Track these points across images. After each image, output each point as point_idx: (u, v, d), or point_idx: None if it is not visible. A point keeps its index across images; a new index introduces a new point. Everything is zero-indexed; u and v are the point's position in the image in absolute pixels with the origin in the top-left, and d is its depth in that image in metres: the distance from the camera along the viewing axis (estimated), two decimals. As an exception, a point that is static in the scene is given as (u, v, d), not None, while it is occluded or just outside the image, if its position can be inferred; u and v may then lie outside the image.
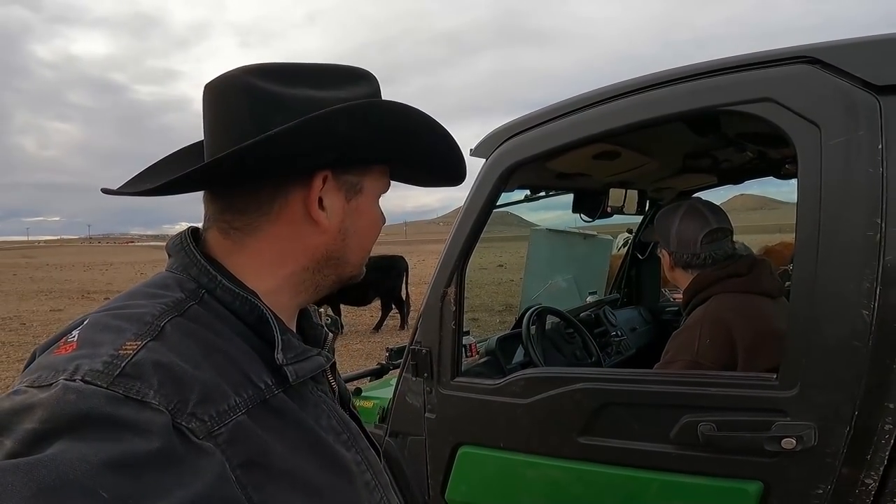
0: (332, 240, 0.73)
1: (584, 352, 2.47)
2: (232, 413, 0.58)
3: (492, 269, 17.72)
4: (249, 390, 0.61)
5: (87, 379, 0.51)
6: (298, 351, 0.69)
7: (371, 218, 0.77)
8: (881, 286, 1.17)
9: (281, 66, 0.70)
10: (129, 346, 0.55)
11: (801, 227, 1.24)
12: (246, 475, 0.56)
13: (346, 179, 0.72)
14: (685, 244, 1.81)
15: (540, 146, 1.59)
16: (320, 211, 0.70)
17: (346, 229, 0.73)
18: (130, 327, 0.58)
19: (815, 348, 1.23)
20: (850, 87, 1.17)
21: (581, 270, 5.52)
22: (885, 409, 1.19)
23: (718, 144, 2.04)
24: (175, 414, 0.53)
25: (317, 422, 0.68)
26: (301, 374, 0.67)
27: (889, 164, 1.15)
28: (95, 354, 0.54)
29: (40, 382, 0.52)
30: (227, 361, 0.61)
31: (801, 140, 1.21)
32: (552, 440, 1.56)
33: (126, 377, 0.52)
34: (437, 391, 1.76)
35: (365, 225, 0.76)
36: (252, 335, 0.67)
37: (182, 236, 0.72)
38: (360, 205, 0.74)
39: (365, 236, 0.77)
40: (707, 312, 1.69)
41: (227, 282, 0.67)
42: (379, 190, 0.78)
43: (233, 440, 0.56)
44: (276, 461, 0.60)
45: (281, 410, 0.64)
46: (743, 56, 1.29)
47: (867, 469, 1.22)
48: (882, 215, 1.16)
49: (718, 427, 1.31)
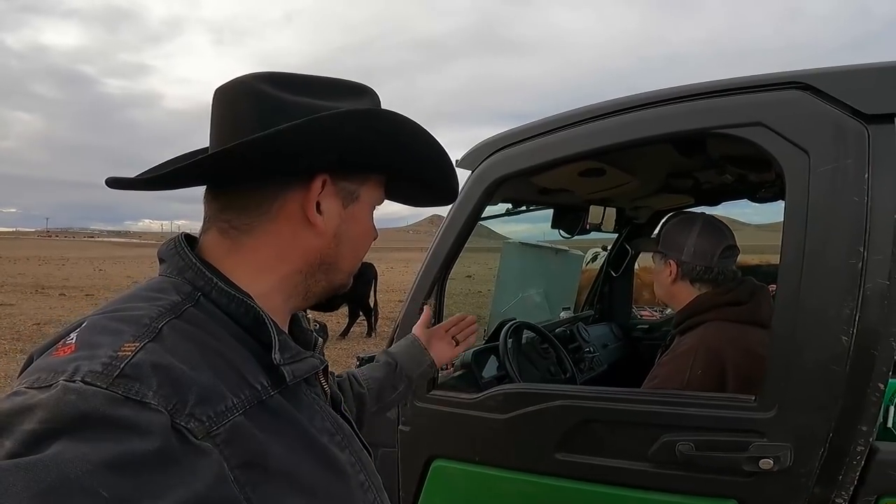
0: (327, 244, 0.75)
1: (559, 367, 2.47)
2: (229, 414, 0.59)
3: (460, 279, 17.71)
4: (246, 391, 0.62)
5: (86, 380, 0.52)
6: (294, 352, 0.70)
7: (365, 227, 0.80)
8: (860, 312, 1.19)
9: (289, 76, 0.73)
10: (128, 347, 0.56)
11: (785, 251, 1.25)
12: (244, 475, 0.57)
13: (343, 186, 0.75)
14: (702, 256, 1.76)
15: (528, 160, 1.58)
16: (317, 214, 0.72)
17: (340, 235, 0.75)
18: (128, 329, 0.58)
19: (795, 371, 1.25)
20: (840, 115, 1.19)
21: (551, 285, 5.56)
22: (858, 432, 1.21)
23: (702, 166, 2.07)
24: (174, 414, 0.53)
25: (311, 423, 0.70)
26: (297, 375, 0.69)
27: (874, 193, 1.17)
28: (94, 356, 0.54)
29: (40, 384, 0.52)
30: (224, 363, 0.62)
31: (790, 166, 1.23)
32: (530, 455, 1.55)
33: (125, 378, 0.53)
34: (411, 403, 1.74)
35: (358, 233, 0.79)
36: (247, 337, 0.68)
37: (176, 241, 0.73)
38: (355, 212, 0.77)
39: (358, 244, 0.79)
40: (702, 342, 1.66)
41: (223, 284, 0.68)
42: (374, 200, 0.80)
43: (230, 440, 0.57)
44: (273, 461, 0.61)
45: (277, 411, 0.65)
46: (736, 79, 1.31)
47: (838, 489, 1.24)
48: (865, 244, 1.18)
49: (697, 447, 1.32)
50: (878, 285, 1.17)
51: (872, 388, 1.20)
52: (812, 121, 1.21)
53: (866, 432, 1.21)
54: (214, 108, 0.74)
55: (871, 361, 1.19)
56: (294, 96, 0.71)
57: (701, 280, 1.78)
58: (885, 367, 1.19)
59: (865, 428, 1.21)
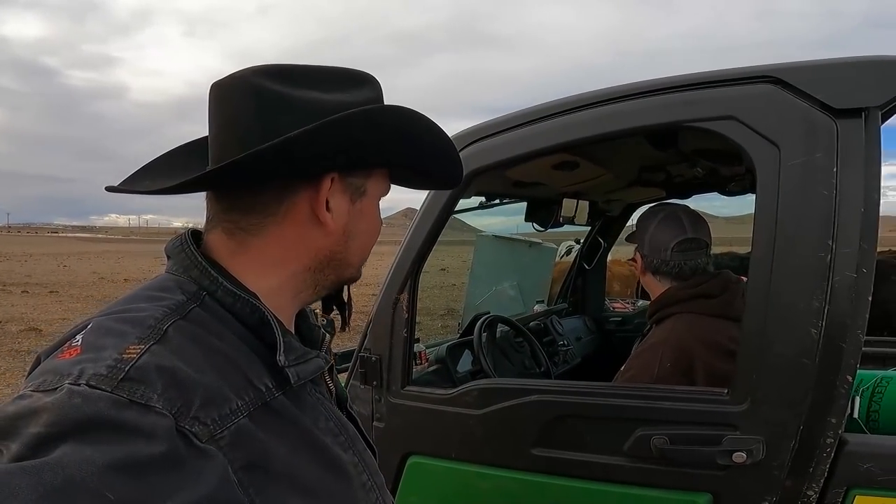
0: (337, 241, 0.74)
1: (533, 361, 2.48)
2: (234, 416, 0.59)
3: (434, 272, 17.74)
4: (251, 393, 0.62)
5: (91, 383, 0.52)
6: (299, 353, 0.70)
7: (373, 220, 0.79)
8: (829, 305, 1.20)
9: (288, 68, 0.71)
10: (133, 350, 0.56)
11: (756, 244, 1.26)
12: (248, 477, 0.58)
13: (351, 182, 0.73)
14: (656, 249, 1.79)
15: (502, 153, 1.57)
16: (327, 213, 0.71)
17: (350, 231, 0.75)
18: (133, 331, 0.59)
19: (766, 364, 1.26)
20: (810, 109, 1.20)
21: (525, 277, 5.60)
22: (828, 424, 1.23)
23: (674, 159, 2.08)
24: (178, 417, 0.54)
25: (315, 424, 0.70)
26: (302, 376, 0.68)
27: (842, 187, 1.18)
28: (99, 358, 0.55)
29: (45, 387, 0.52)
30: (229, 364, 0.63)
31: (761, 160, 1.23)
32: (506, 451, 1.54)
33: (130, 381, 0.53)
34: (386, 400, 1.71)
35: (367, 227, 0.78)
36: (252, 337, 0.68)
37: (182, 238, 0.73)
38: (363, 207, 0.76)
39: (367, 238, 0.79)
40: (670, 335, 1.67)
41: (229, 283, 0.68)
42: (380, 192, 0.80)
43: (235, 443, 0.58)
44: (277, 463, 0.61)
45: (281, 413, 0.65)
46: (709, 73, 1.31)
47: (809, 481, 1.26)
48: (833, 237, 1.19)
49: (672, 440, 1.32)
50: (846, 278, 1.19)
51: (841, 381, 1.21)
52: (783, 115, 1.22)
53: (836, 424, 1.23)
54: (212, 105, 0.73)
55: (840, 354, 1.21)
56: (292, 89, 0.69)
57: (661, 273, 1.79)
58: (852, 359, 1.21)
59: (835, 420, 1.22)
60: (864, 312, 1.21)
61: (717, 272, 1.81)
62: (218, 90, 0.72)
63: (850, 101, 1.17)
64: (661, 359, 1.62)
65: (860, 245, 1.18)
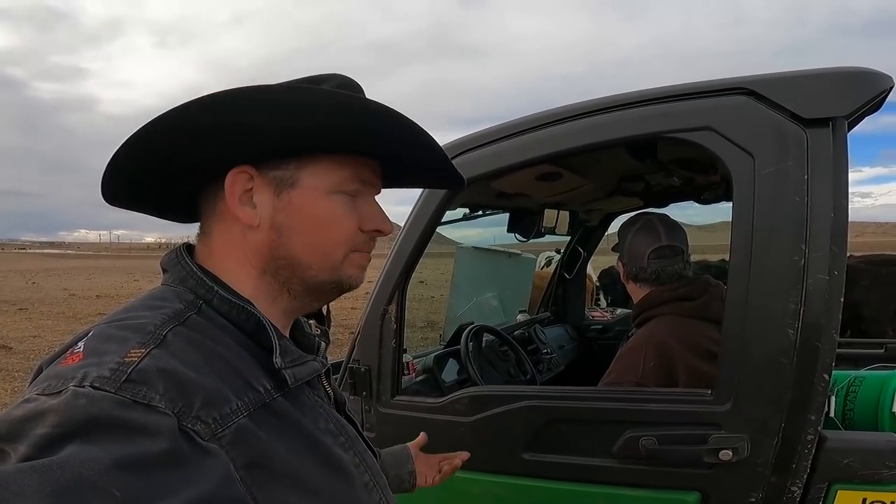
0: (268, 237, 0.72)
1: (518, 369, 2.51)
2: (234, 416, 0.60)
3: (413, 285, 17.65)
4: (250, 394, 0.64)
5: (95, 385, 0.54)
6: (295, 356, 0.71)
7: (315, 213, 0.72)
8: (804, 306, 1.25)
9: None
10: (134, 353, 0.58)
11: (734, 250, 1.31)
12: (249, 475, 0.59)
13: (275, 174, 0.71)
14: (634, 257, 1.86)
15: (489, 165, 1.60)
16: (242, 207, 0.71)
17: (279, 225, 0.71)
18: (134, 336, 0.60)
19: (747, 365, 1.30)
20: (781, 119, 1.26)
21: (505, 288, 5.64)
22: (807, 421, 1.27)
23: (652, 169, 2.14)
24: (181, 417, 0.55)
25: (315, 425, 0.71)
26: (299, 378, 0.70)
27: (812, 193, 1.24)
28: (102, 362, 0.56)
29: (50, 390, 0.54)
30: (227, 367, 0.64)
31: (737, 168, 1.29)
32: (497, 457, 1.56)
33: (132, 383, 0.55)
34: (376, 410, 1.73)
35: (306, 221, 0.72)
36: (249, 342, 0.69)
37: (177, 251, 0.75)
38: (293, 198, 0.71)
39: (310, 233, 0.73)
40: (650, 336, 1.73)
41: (223, 292, 0.70)
42: (326, 184, 0.73)
43: (236, 442, 0.59)
44: (278, 462, 0.62)
45: (280, 414, 0.66)
46: (686, 85, 1.37)
47: (793, 477, 1.30)
48: (806, 241, 1.24)
49: (659, 441, 1.36)
50: (819, 281, 1.24)
51: (818, 379, 1.26)
52: (756, 125, 1.28)
53: (815, 421, 1.27)
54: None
55: (816, 353, 1.25)
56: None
57: (640, 279, 1.86)
58: (828, 358, 1.26)
59: (814, 417, 1.27)
60: (837, 313, 1.26)
61: (695, 276, 1.87)
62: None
63: (818, 111, 1.23)
64: (644, 359, 1.67)
65: (831, 249, 1.24)
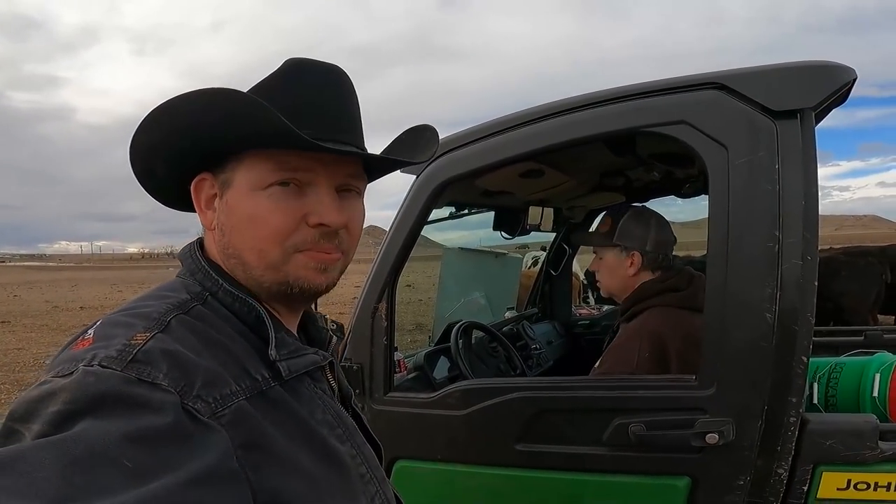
0: (218, 238, 0.76)
1: (508, 365, 2.54)
2: (233, 398, 0.63)
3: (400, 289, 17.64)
4: (248, 381, 0.66)
5: (103, 364, 0.57)
6: (292, 348, 0.74)
7: (243, 211, 0.72)
8: (780, 291, 1.30)
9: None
10: (140, 337, 0.61)
11: (712, 238, 1.36)
12: (246, 455, 0.61)
13: (221, 178, 0.74)
14: (663, 246, 1.88)
15: (472, 163, 1.64)
16: (206, 211, 0.77)
17: (220, 225, 0.75)
18: (140, 322, 0.64)
19: (728, 349, 1.34)
20: (752, 112, 1.31)
21: (492, 287, 5.67)
22: (789, 404, 1.31)
23: (632, 164, 2.19)
24: (183, 395, 0.58)
25: (311, 415, 0.73)
26: (294, 370, 0.72)
27: (784, 182, 1.29)
28: (110, 345, 0.60)
29: (62, 372, 0.57)
30: (227, 355, 0.67)
31: (712, 160, 1.34)
32: (490, 449, 1.59)
33: (138, 363, 0.58)
34: (370, 407, 1.74)
35: (237, 220, 0.72)
36: (251, 334, 0.72)
37: (191, 245, 0.80)
38: (228, 199, 0.73)
39: (243, 232, 0.72)
40: (645, 327, 1.76)
41: (228, 285, 0.73)
42: (250, 181, 0.71)
43: (235, 422, 0.61)
44: (274, 447, 0.65)
45: (277, 402, 0.69)
46: (661, 81, 1.42)
47: (778, 460, 1.34)
48: (779, 228, 1.30)
49: (648, 427, 1.39)
50: (794, 266, 1.29)
51: (797, 362, 1.31)
52: (728, 118, 1.33)
53: (796, 403, 1.31)
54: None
55: (794, 336, 1.30)
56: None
57: (659, 268, 1.89)
58: (805, 341, 1.31)
59: (795, 399, 1.31)
60: (812, 297, 1.31)
61: (680, 267, 1.93)
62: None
63: (786, 103, 1.29)
64: (639, 349, 1.70)
65: (804, 235, 1.29)
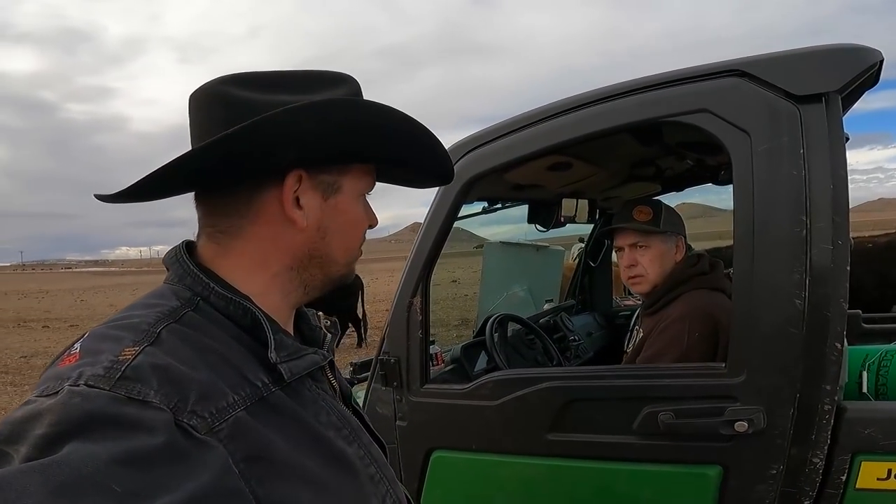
0: (311, 238, 0.74)
1: (545, 356, 2.56)
2: (231, 410, 0.60)
3: (445, 284, 17.79)
4: (247, 388, 0.63)
5: (90, 383, 0.54)
6: (292, 349, 0.71)
7: (352, 217, 0.78)
8: (810, 277, 1.28)
9: (258, 74, 0.73)
10: (128, 351, 0.58)
11: (737, 226, 1.35)
12: (249, 469, 0.58)
13: (322, 179, 0.74)
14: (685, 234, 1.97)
15: (499, 158, 1.67)
16: (297, 210, 0.72)
17: (325, 227, 0.75)
18: (128, 335, 0.61)
19: (757, 336, 1.34)
20: (774, 98, 1.30)
21: (535, 281, 5.67)
22: (823, 391, 1.29)
23: (661, 154, 2.18)
24: (176, 412, 0.55)
25: (316, 418, 0.70)
26: (295, 372, 0.69)
27: (811, 166, 1.28)
28: (97, 361, 0.57)
29: (48, 391, 0.55)
30: (223, 362, 0.64)
31: (734, 147, 1.33)
32: (522, 439, 1.62)
33: (127, 380, 0.55)
34: (407, 399, 1.79)
35: (345, 223, 0.77)
36: (247, 338, 0.69)
37: (177, 249, 0.75)
38: (338, 203, 0.75)
39: (347, 234, 0.78)
40: (692, 307, 1.77)
41: (220, 288, 0.70)
42: (360, 189, 0.78)
43: (234, 435, 0.59)
44: (278, 455, 0.62)
45: (279, 408, 0.66)
46: (681, 70, 1.42)
47: (813, 448, 1.32)
48: (807, 213, 1.28)
49: (677, 415, 1.39)
50: (823, 250, 1.27)
51: (830, 348, 1.28)
52: (750, 104, 1.32)
53: (830, 391, 1.29)
54: (189, 114, 0.75)
55: (826, 322, 1.28)
56: (263, 95, 0.70)
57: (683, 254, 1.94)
58: (839, 327, 1.28)
59: (829, 387, 1.29)
60: (845, 282, 1.29)
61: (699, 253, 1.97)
62: (192, 101, 0.74)
63: (809, 87, 1.27)
64: (689, 330, 1.70)
65: (833, 219, 1.27)
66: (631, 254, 1.93)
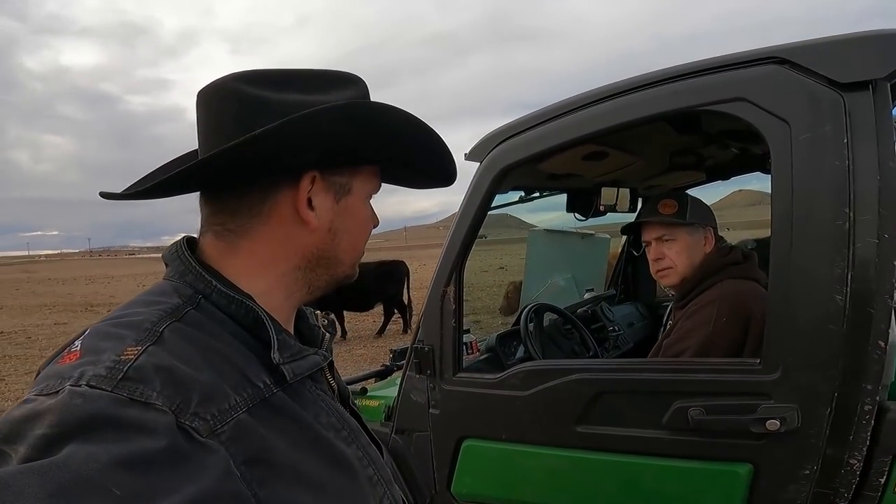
0: (322, 239, 0.74)
1: (582, 347, 2.54)
2: (233, 412, 0.60)
3: (493, 271, 17.77)
4: (249, 389, 0.63)
5: (91, 384, 0.53)
6: (294, 350, 0.70)
7: (361, 218, 0.78)
8: (852, 272, 1.23)
9: (269, 72, 0.72)
10: (130, 351, 0.58)
11: (776, 217, 1.31)
12: (250, 471, 0.58)
13: (334, 180, 0.74)
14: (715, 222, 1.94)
15: (531, 148, 1.66)
16: (309, 211, 0.72)
17: (335, 229, 0.75)
18: (130, 334, 0.60)
19: (794, 332, 1.29)
20: (816, 85, 1.24)
21: (579, 269, 5.60)
22: (863, 390, 1.24)
23: (701, 142, 2.11)
24: (178, 414, 0.55)
25: (316, 419, 0.70)
26: (298, 373, 0.69)
27: (855, 156, 1.22)
28: (98, 361, 0.56)
29: (48, 390, 0.54)
30: (226, 363, 0.64)
31: (773, 136, 1.28)
32: (551, 430, 1.63)
33: (129, 381, 0.54)
34: (440, 387, 1.82)
35: (355, 225, 0.78)
36: (249, 337, 0.69)
37: (177, 245, 0.74)
38: (349, 205, 0.76)
39: (355, 236, 0.78)
40: (723, 293, 1.75)
41: (223, 286, 0.69)
42: (369, 190, 0.79)
43: (235, 437, 0.58)
44: (279, 457, 0.62)
45: (281, 409, 0.66)
46: (718, 58, 1.37)
47: (850, 449, 1.27)
48: (850, 205, 1.23)
49: (707, 411, 1.37)
50: (868, 244, 1.22)
51: (873, 346, 1.23)
52: (790, 93, 1.27)
53: (872, 391, 1.24)
54: (197, 111, 0.74)
55: (869, 319, 1.23)
56: (273, 93, 0.70)
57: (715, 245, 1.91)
58: (883, 324, 1.23)
59: (870, 387, 1.24)
60: (891, 277, 1.23)
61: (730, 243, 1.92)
62: (202, 97, 0.73)
63: (855, 74, 1.21)
64: (716, 314, 1.68)
65: (880, 212, 1.21)
66: (658, 247, 1.92)
